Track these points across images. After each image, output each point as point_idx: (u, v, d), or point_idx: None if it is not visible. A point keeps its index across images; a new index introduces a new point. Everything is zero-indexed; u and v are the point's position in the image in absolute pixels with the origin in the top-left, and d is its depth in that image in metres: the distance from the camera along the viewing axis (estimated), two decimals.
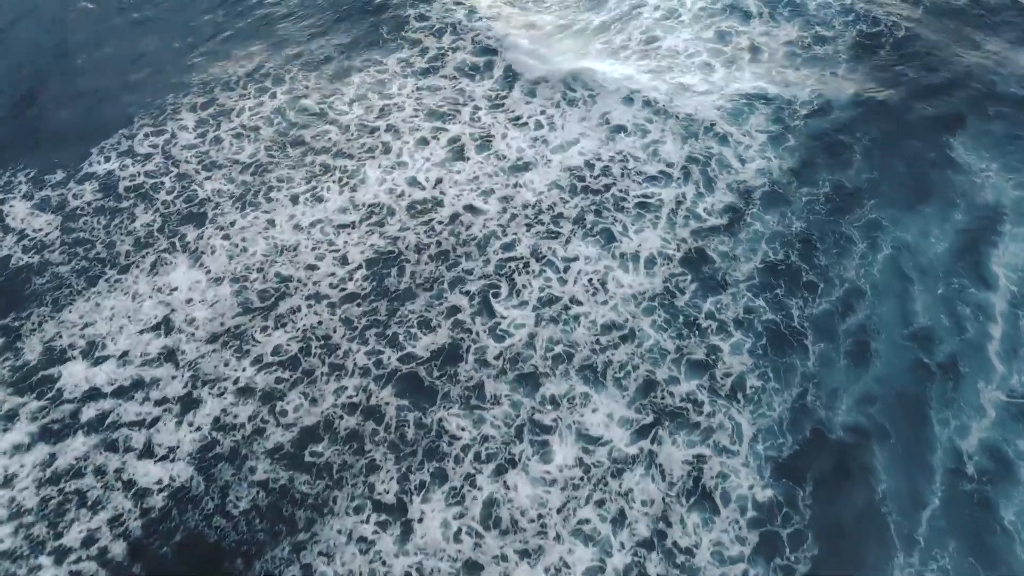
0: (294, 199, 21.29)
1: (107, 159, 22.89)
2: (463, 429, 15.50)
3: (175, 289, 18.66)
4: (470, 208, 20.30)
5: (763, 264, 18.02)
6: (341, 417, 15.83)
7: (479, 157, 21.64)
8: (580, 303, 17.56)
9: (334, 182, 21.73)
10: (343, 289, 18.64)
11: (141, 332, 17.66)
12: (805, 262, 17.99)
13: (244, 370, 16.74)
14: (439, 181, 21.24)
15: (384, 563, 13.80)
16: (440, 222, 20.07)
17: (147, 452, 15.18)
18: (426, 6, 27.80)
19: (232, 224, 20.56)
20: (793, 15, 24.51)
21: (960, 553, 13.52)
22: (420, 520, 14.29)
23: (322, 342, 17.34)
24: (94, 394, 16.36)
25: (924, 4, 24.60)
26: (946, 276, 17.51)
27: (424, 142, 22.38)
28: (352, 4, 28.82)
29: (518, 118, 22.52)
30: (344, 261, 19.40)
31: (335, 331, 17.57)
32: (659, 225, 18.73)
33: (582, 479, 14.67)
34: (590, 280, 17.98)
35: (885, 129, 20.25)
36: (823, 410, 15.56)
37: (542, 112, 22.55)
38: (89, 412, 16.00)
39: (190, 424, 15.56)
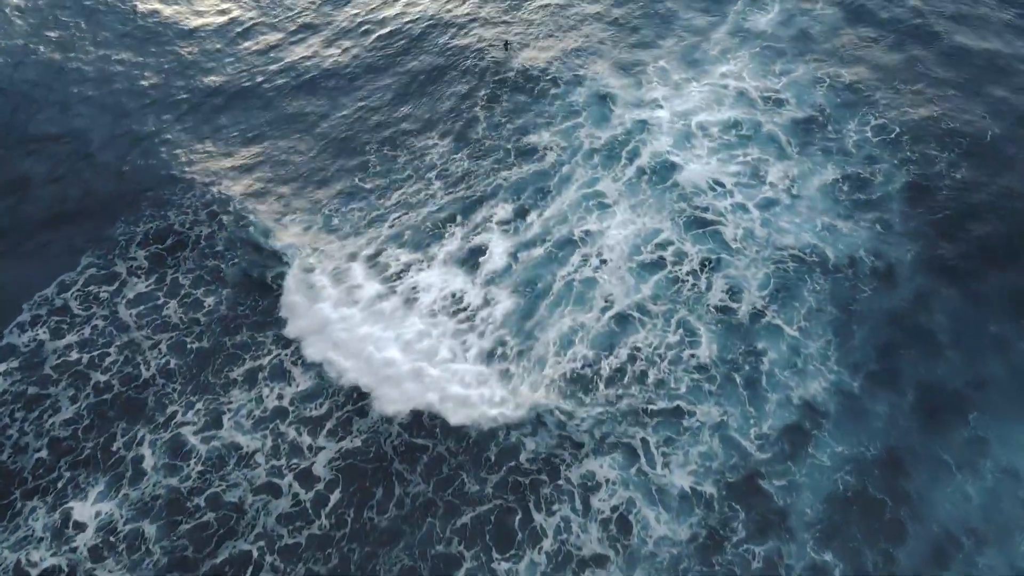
0: (253, 376, 16.34)
1: (36, 321, 17.81)
2: None
3: (81, 531, 13.56)
4: (463, 401, 15.20)
5: (832, 500, 13.04)
6: None
7: (475, 348, 16.37)
8: (604, 561, 12.57)
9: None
10: (307, 525, 13.65)
11: None
12: (887, 493, 13.02)
13: None
14: (431, 355, 16.12)
15: None
16: (432, 416, 15.09)
17: None
18: None
19: (172, 419, 15.56)
20: (829, 153, 19.33)
21: None
22: None
23: None
24: None
25: (992, 133, 19.27)
26: None
27: (410, 303, 17.24)
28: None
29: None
30: (310, 479, 14.43)
31: None
32: (694, 451, 13.68)
33: None
34: (607, 523, 12.97)
35: (965, 307, 15.36)
36: None
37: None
38: None
39: None
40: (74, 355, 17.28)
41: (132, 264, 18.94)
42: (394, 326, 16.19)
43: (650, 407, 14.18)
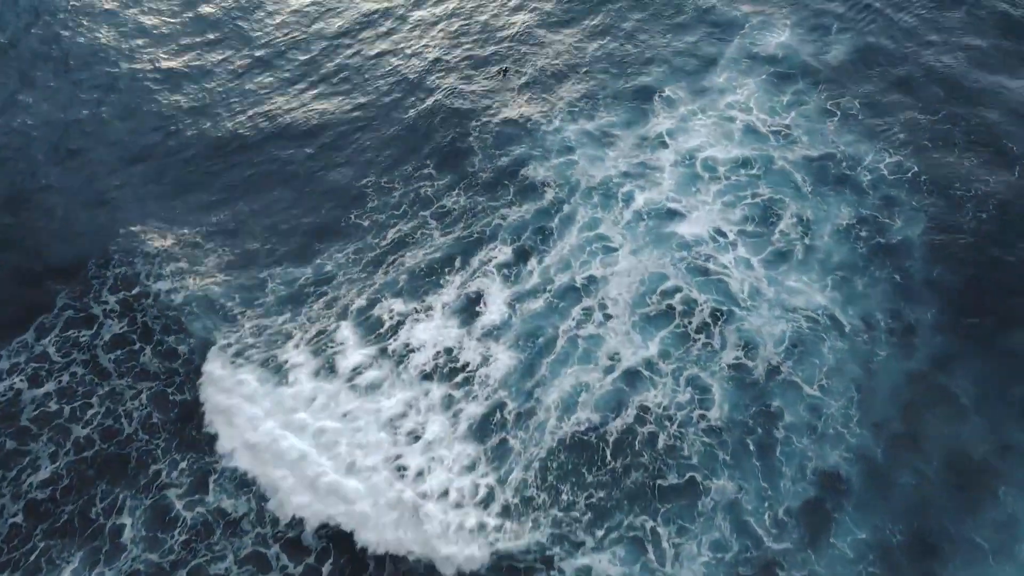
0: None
1: (15, 369, 16.88)
2: None
3: None
4: (443, 494, 13.78)
5: None
6: None
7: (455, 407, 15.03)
8: None
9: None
10: None
11: None
12: None
13: None
14: (416, 435, 14.70)
15: None
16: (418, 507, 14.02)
17: None
18: None
19: (156, 481, 14.68)
20: (842, 194, 17.86)
21: None
22: None
23: None
24: None
25: (1022, 170, 17.82)
26: None
27: (402, 363, 15.99)
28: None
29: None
30: (298, 548, 13.56)
31: None
32: (707, 539, 12.53)
33: None
34: None
35: (988, 367, 14.39)
36: None
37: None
38: None
39: None
40: (53, 405, 16.44)
41: (105, 307, 17.90)
42: (375, 400, 14.84)
43: (659, 482, 13.17)
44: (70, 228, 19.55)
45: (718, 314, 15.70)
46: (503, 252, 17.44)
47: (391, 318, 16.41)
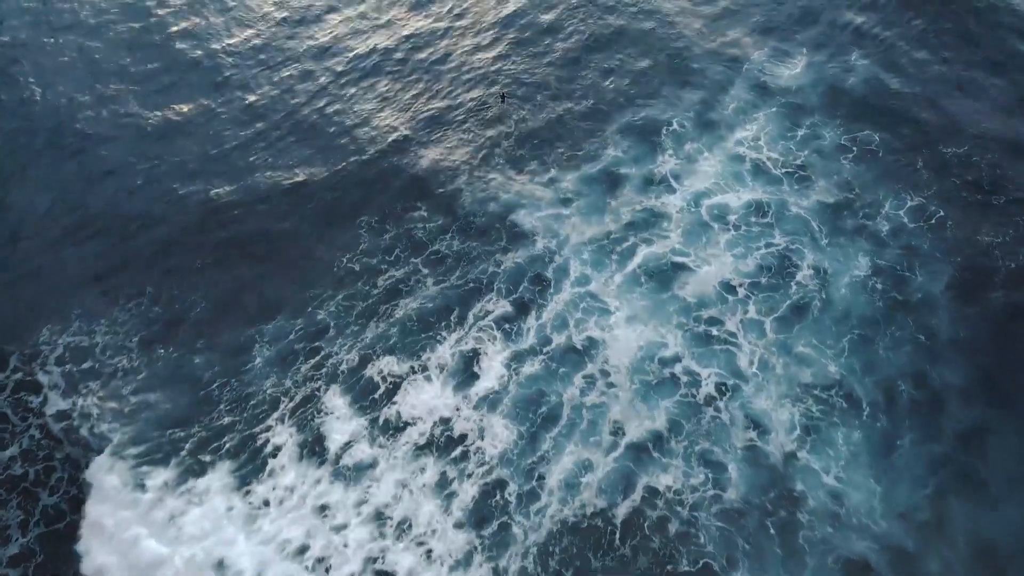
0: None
1: None
2: None
3: None
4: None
5: None
6: None
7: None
8: None
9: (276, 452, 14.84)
10: None
11: None
12: None
13: None
14: (405, 525, 13.54)
15: None
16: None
17: None
18: None
19: (124, 558, 13.66)
20: (859, 241, 16.92)
21: None
22: None
23: None
24: None
25: None
26: None
27: (392, 437, 15.04)
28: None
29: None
30: None
31: None
32: None
33: None
34: None
35: (1020, 440, 13.44)
36: None
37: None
38: None
39: None
40: (18, 469, 15.43)
41: (49, 378, 16.73)
42: (362, 486, 13.58)
43: (668, 568, 12.17)
44: (27, 289, 18.37)
45: (723, 388, 14.77)
46: (500, 305, 16.52)
47: (384, 380, 15.35)
